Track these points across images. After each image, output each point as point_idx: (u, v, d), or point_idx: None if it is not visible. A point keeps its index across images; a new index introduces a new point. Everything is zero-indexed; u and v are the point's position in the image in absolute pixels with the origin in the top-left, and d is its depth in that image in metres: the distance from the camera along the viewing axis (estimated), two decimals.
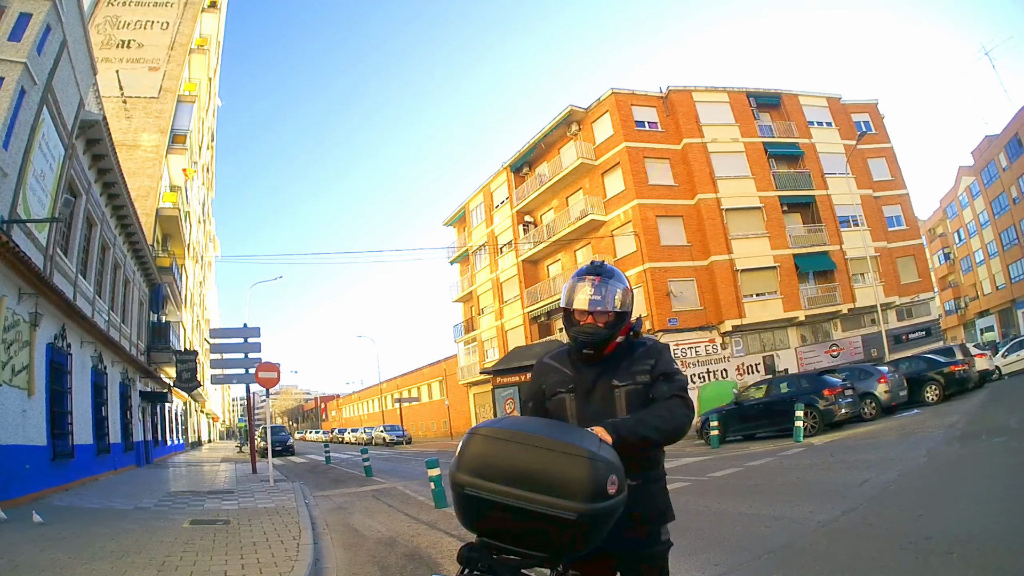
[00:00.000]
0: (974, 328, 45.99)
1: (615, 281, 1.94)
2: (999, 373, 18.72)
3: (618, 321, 1.91)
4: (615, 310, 1.89)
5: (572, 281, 1.97)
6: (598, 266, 1.99)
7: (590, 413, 1.88)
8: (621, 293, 1.93)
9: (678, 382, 1.93)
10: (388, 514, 7.92)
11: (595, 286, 1.91)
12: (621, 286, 1.94)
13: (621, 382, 1.91)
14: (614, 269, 2.01)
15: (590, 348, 1.91)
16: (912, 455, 7.56)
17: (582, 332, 1.91)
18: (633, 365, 1.94)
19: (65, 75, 10.47)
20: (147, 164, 21.20)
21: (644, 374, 1.91)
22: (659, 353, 1.98)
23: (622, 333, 1.96)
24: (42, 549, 4.96)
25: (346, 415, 71.71)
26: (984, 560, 3.44)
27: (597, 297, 1.90)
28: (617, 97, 25.65)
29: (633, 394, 1.89)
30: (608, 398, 1.90)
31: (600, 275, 1.94)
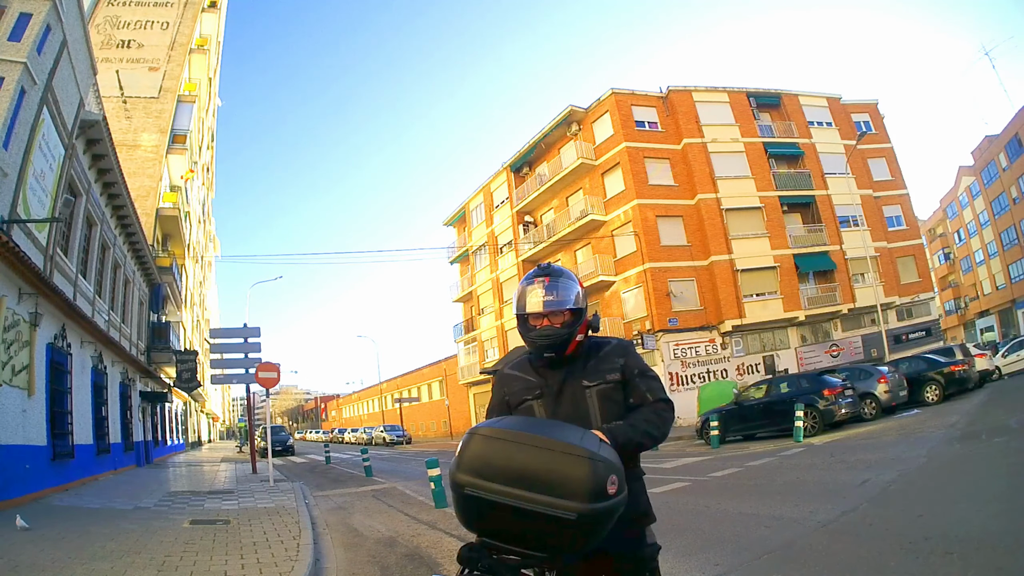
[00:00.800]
0: (974, 328, 46.00)
1: (565, 279, 1.93)
2: (999, 373, 18.71)
3: (575, 319, 1.89)
4: (570, 307, 1.87)
5: (522, 286, 1.94)
6: (546, 267, 1.97)
7: (562, 416, 1.83)
8: (573, 290, 1.91)
9: (657, 382, 1.94)
10: (388, 514, 7.92)
11: (546, 287, 1.89)
12: (572, 283, 1.93)
13: (591, 382, 1.88)
14: (563, 269, 1.99)
15: (551, 350, 1.88)
16: (912, 455, 7.56)
17: (540, 336, 1.87)
18: (601, 364, 1.91)
19: (65, 75, 10.47)
20: (147, 164, 21.20)
21: (614, 372, 1.89)
22: (627, 351, 1.96)
23: (580, 331, 1.92)
24: (42, 549, 4.96)
25: (346, 415, 71.72)
26: (984, 560, 3.44)
27: (550, 297, 1.87)
28: (617, 97, 25.66)
29: (604, 394, 1.87)
30: (579, 399, 1.87)
31: (549, 275, 1.92)
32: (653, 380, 1.94)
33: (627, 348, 1.98)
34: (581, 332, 1.93)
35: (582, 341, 1.95)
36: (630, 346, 2.01)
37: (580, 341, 1.93)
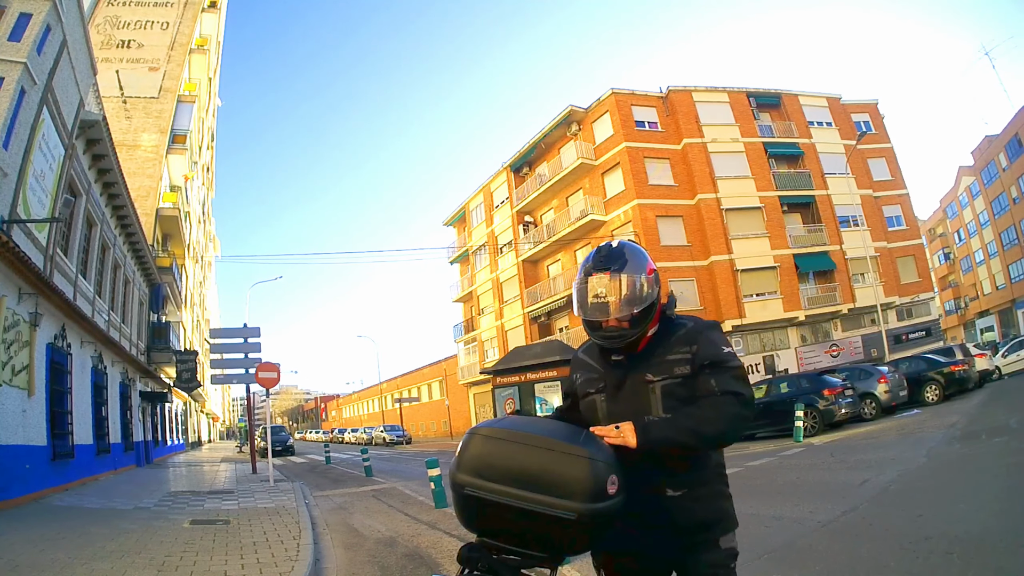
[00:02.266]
0: (974, 328, 45.99)
1: (630, 270, 1.63)
2: (999, 373, 18.72)
3: (645, 315, 1.64)
4: (638, 310, 1.62)
5: (579, 282, 1.68)
6: (605, 257, 1.66)
7: (621, 415, 1.64)
8: (640, 283, 1.63)
9: (730, 372, 1.61)
10: (388, 514, 7.92)
11: (608, 283, 1.63)
12: (638, 274, 1.64)
13: (656, 376, 1.63)
14: (624, 252, 1.67)
15: (620, 352, 1.68)
16: (912, 455, 7.56)
17: (607, 337, 1.66)
18: (669, 353, 1.65)
19: (65, 75, 10.47)
20: (147, 164, 21.19)
21: (683, 364, 1.62)
22: (700, 336, 1.65)
23: (653, 324, 1.68)
24: (42, 549, 4.96)
25: (346, 415, 71.71)
26: (984, 560, 3.44)
27: (612, 298, 1.61)
28: (617, 97, 25.66)
29: (670, 390, 1.62)
30: (640, 395, 1.65)
31: (609, 269, 1.63)
32: (726, 371, 1.61)
33: (700, 334, 1.66)
34: (654, 324, 1.69)
35: (655, 331, 1.70)
36: (706, 330, 1.67)
37: (652, 334, 1.70)
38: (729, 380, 1.59)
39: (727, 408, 1.56)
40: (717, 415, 1.55)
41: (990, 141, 40.73)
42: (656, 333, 1.70)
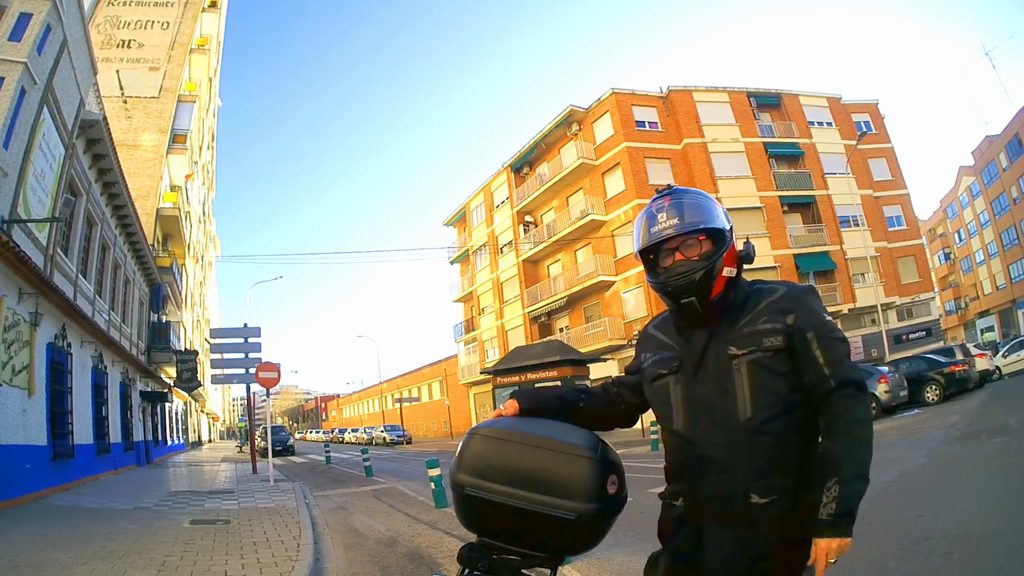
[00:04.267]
0: (974, 328, 45.98)
1: (695, 195, 1.48)
2: (999, 373, 18.71)
3: (717, 248, 1.44)
4: (706, 226, 1.42)
5: (641, 218, 1.50)
6: (666, 189, 1.52)
7: (699, 400, 1.43)
8: (709, 204, 1.46)
9: (844, 346, 1.40)
10: (388, 514, 7.92)
11: (668, 208, 1.44)
12: (707, 200, 1.48)
13: (741, 348, 1.40)
14: (688, 188, 1.53)
15: (689, 294, 1.42)
16: (912, 455, 7.56)
17: (672, 275, 1.43)
18: (759, 321, 1.41)
19: (65, 75, 10.47)
20: (147, 164, 21.20)
21: (775, 336, 1.39)
22: (799, 301, 1.42)
23: (728, 262, 1.44)
24: (42, 549, 4.96)
25: (346, 415, 71.71)
26: (984, 560, 3.44)
27: (674, 220, 1.42)
28: (617, 97, 25.66)
29: (760, 368, 1.38)
30: (723, 375, 1.41)
31: (671, 195, 1.48)
32: (838, 344, 1.39)
33: (799, 298, 1.43)
34: (729, 264, 1.44)
35: (733, 280, 1.46)
36: (805, 294, 1.45)
37: (730, 279, 1.45)
38: (842, 358, 1.38)
39: (858, 411, 1.35)
40: (857, 432, 1.33)
41: (990, 141, 40.71)
42: (739, 297, 1.47)
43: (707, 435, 1.42)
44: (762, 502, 1.36)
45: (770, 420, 1.37)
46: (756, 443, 1.37)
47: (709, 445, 1.40)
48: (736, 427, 1.38)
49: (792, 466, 1.37)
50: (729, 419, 1.40)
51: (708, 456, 1.40)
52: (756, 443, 1.37)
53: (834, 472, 1.30)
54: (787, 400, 1.38)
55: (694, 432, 1.44)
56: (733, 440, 1.38)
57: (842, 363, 1.38)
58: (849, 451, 1.31)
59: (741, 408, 1.38)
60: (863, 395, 1.37)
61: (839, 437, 1.33)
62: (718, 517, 1.40)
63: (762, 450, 1.36)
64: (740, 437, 1.38)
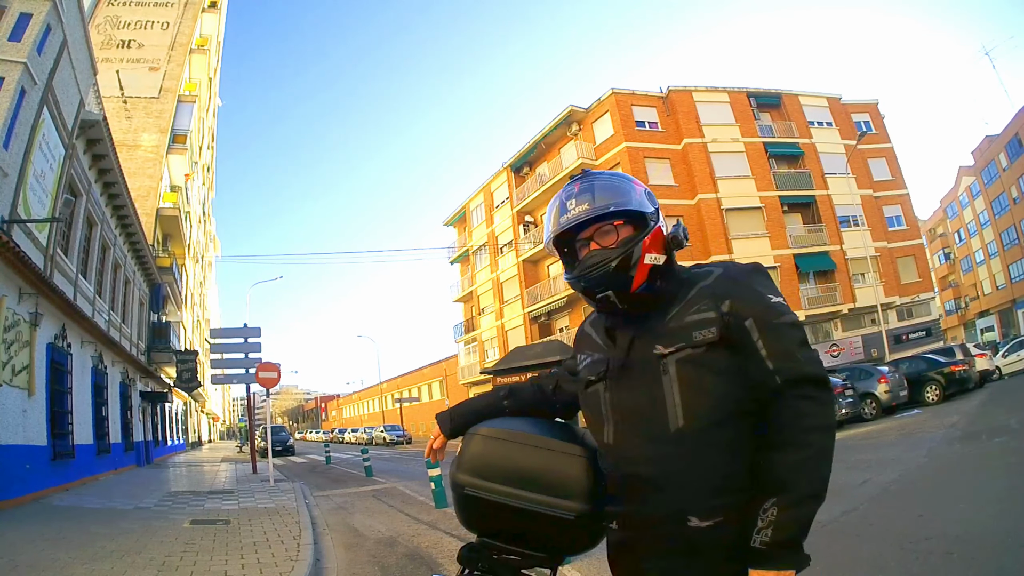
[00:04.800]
0: (974, 328, 45.98)
1: (608, 176, 1.29)
2: (999, 373, 18.72)
3: (636, 233, 1.23)
4: (620, 208, 1.22)
5: (552, 206, 1.32)
6: (580, 175, 1.32)
7: (627, 409, 1.24)
8: (626, 184, 1.27)
9: (789, 335, 1.15)
10: (388, 514, 7.92)
11: (579, 194, 1.25)
12: (623, 181, 1.28)
13: (668, 345, 1.18)
14: (603, 171, 1.34)
15: (605, 286, 1.23)
16: (912, 455, 7.56)
17: (586, 267, 1.24)
18: (688, 312, 1.20)
19: (65, 75, 10.47)
20: (147, 164, 21.20)
21: (707, 327, 1.16)
22: (736, 286, 1.19)
23: (652, 248, 1.22)
24: (42, 549, 4.96)
25: (346, 415, 71.71)
26: (984, 560, 3.44)
27: (584, 206, 1.22)
28: (617, 97, 25.67)
29: (692, 367, 1.16)
30: (651, 379, 1.20)
31: (582, 180, 1.28)
32: (786, 331, 1.15)
33: (737, 280, 1.21)
34: (654, 250, 1.22)
35: (660, 268, 1.23)
36: (746, 274, 1.23)
37: (655, 267, 1.22)
38: (791, 348, 1.13)
39: (812, 415, 1.10)
40: (812, 435, 1.09)
41: (990, 141, 40.72)
42: (669, 286, 1.25)
43: (637, 449, 1.22)
44: (703, 526, 1.14)
45: (709, 428, 1.15)
46: (693, 456, 1.16)
47: (640, 461, 1.21)
48: (667, 438, 1.17)
49: (742, 483, 1.13)
50: (659, 429, 1.18)
51: (639, 474, 1.21)
52: (693, 456, 1.16)
53: (775, 491, 1.07)
54: (730, 404, 1.16)
55: (624, 446, 1.25)
56: (665, 454, 1.18)
57: (791, 355, 1.13)
58: (796, 467, 1.07)
59: (672, 416, 1.17)
60: (821, 393, 1.11)
61: (785, 449, 1.09)
62: (653, 544, 1.21)
63: (700, 464, 1.15)
64: (673, 450, 1.17)
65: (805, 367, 1.12)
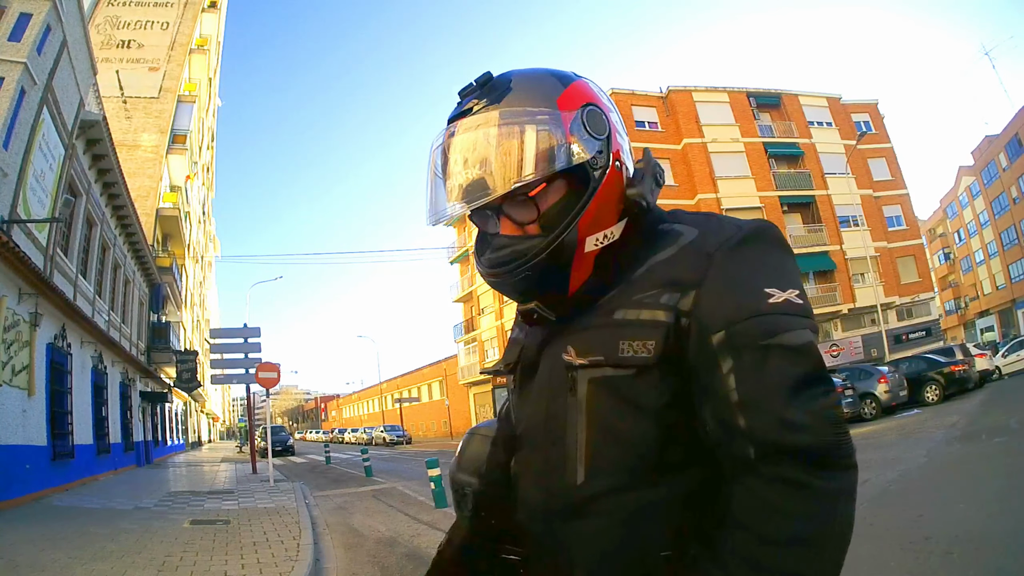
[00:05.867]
0: (974, 328, 45.99)
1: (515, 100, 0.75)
2: (999, 373, 18.71)
3: (570, 192, 0.76)
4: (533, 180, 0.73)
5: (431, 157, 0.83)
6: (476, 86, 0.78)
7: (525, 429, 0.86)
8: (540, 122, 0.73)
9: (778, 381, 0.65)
10: (388, 514, 7.92)
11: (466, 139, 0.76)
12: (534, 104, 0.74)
13: (583, 352, 0.75)
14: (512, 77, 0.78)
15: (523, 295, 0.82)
16: (912, 455, 7.56)
17: (491, 266, 0.80)
18: (625, 301, 0.75)
19: (65, 75, 10.47)
20: (147, 164, 21.21)
21: (644, 337, 0.71)
22: (709, 263, 0.71)
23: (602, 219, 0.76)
24: (42, 549, 4.96)
25: (346, 415, 71.72)
26: (984, 560, 3.44)
27: (473, 173, 0.75)
28: (617, 97, 25.64)
29: (607, 395, 0.73)
30: (554, 398, 0.78)
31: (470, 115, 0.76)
32: (784, 363, 0.66)
33: (714, 256, 0.71)
34: (604, 223, 0.77)
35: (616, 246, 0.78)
36: (733, 246, 0.72)
37: (606, 250, 0.77)
38: (783, 397, 0.65)
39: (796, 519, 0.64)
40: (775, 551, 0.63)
41: (990, 141, 40.73)
42: (619, 253, 0.78)
43: (524, 491, 0.84)
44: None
45: (615, 492, 0.72)
46: (585, 529, 0.74)
47: (527, 509, 0.82)
48: (557, 492, 0.77)
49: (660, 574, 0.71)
50: (555, 476, 0.77)
51: (532, 533, 0.83)
52: (585, 529, 0.74)
53: None
54: (657, 458, 0.72)
55: (521, 482, 0.86)
56: (553, 511, 0.77)
57: (779, 407, 0.64)
58: None
59: (570, 460, 0.75)
60: (821, 481, 0.64)
61: (714, 564, 0.65)
62: None
63: (594, 542, 0.73)
64: (562, 509, 0.76)
65: (793, 430, 0.63)
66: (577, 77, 0.81)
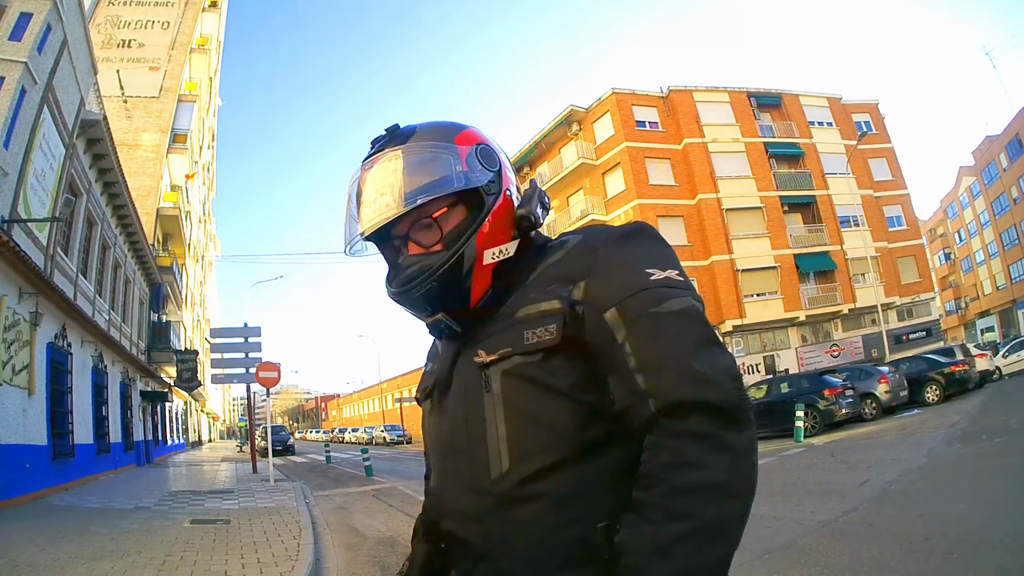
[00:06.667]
0: (974, 328, 45.97)
1: (418, 138, 0.88)
2: (999, 373, 18.70)
3: (469, 215, 0.87)
4: (432, 194, 0.84)
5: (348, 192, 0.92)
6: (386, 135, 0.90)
7: (443, 444, 0.90)
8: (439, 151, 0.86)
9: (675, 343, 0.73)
10: (389, 514, 7.92)
11: (375, 177, 0.87)
12: (433, 140, 0.88)
13: (492, 350, 0.82)
14: (418, 126, 0.91)
15: (431, 308, 0.88)
16: (912, 455, 7.55)
17: (402, 281, 0.88)
18: (523, 302, 0.83)
19: (66, 75, 10.47)
20: (147, 164, 21.22)
21: (545, 323, 0.79)
22: (594, 257, 0.81)
23: (496, 235, 0.87)
24: (42, 549, 4.96)
25: (346, 415, 71.71)
26: (984, 560, 3.44)
27: (384, 197, 0.84)
28: (618, 97, 25.66)
29: (521, 383, 0.80)
30: (470, 400, 0.84)
31: (380, 151, 0.88)
32: (674, 327, 0.74)
33: (599, 250, 0.82)
34: (497, 239, 0.87)
35: (510, 263, 0.88)
36: (613, 241, 0.83)
37: (503, 264, 0.87)
38: (678, 355, 0.72)
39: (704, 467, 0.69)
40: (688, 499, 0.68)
41: (990, 141, 40.71)
42: (512, 269, 0.88)
43: (454, 500, 0.87)
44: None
45: (543, 474, 0.78)
46: (521, 516, 0.78)
47: (458, 517, 0.86)
48: (488, 489, 0.81)
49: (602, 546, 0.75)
50: (479, 473, 0.82)
51: (456, 535, 0.86)
52: (521, 516, 0.78)
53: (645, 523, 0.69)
54: (580, 436, 0.78)
55: (444, 496, 0.89)
56: (485, 509, 0.81)
57: (674, 364, 0.71)
58: (658, 549, 0.68)
59: (494, 454, 0.80)
60: (721, 431, 0.69)
61: (646, 515, 0.70)
62: None
63: (532, 527, 0.78)
64: (496, 505, 0.80)
65: (695, 386, 0.69)
66: (470, 126, 0.96)
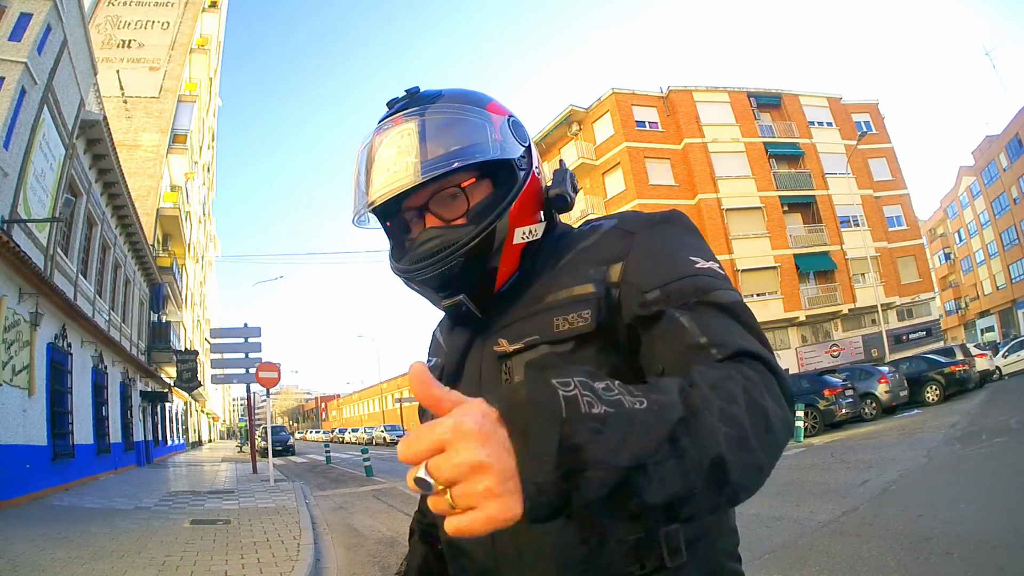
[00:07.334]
0: (974, 328, 45.97)
1: (444, 104, 0.78)
2: (999, 373, 18.70)
3: (496, 192, 0.79)
4: (468, 161, 0.75)
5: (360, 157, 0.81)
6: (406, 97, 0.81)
7: None
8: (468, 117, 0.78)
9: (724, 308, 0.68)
10: (389, 514, 7.92)
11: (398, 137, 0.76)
12: (465, 104, 0.79)
13: (516, 339, 0.75)
14: (440, 89, 0.82)
15: (452, 288, 0.78)
16: (912, 455, 7.56)
17: (417, 258, 0.78)
18: (553, 286, 0.76)
19: (65, 75, 10.47)
20: (148, 164, 21.22)
21: (579, 308, 0.72)
22: (631, 240, 0.75)
23: (525, 214, 0.80)
24: (42, 549, 4.96)
25: (347, 415, 71.74)
26: (984, 560, 3.44)
27: (408, 158, 0.74)
28: (618, 97, 25.67)
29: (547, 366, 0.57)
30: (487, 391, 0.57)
31: (404, 110, 0.78)
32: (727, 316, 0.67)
33: (631, 236, 0.75)
34: (526, 219, 0.80)
35: (536, 246, 0.82)
36: (651, 225, 0.77)
37: (531, 245, 0.81)
38: (726, 326, 0.66)
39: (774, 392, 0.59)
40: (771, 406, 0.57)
41: (990, 141, 40.71)
42: (536, 255, 0.82)
43: None
44: None
45: None
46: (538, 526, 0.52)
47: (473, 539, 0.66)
48: None
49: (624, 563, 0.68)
50: None
51: (460, 544, 0.79)
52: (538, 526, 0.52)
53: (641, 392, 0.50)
54: None
55: None
56: None
57: (728, 335, 0.65)
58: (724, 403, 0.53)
59: None
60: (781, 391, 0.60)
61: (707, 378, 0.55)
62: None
63: (549, 539, 0.69)
64: None
65: (763, 351, 0.64)
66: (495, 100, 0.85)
